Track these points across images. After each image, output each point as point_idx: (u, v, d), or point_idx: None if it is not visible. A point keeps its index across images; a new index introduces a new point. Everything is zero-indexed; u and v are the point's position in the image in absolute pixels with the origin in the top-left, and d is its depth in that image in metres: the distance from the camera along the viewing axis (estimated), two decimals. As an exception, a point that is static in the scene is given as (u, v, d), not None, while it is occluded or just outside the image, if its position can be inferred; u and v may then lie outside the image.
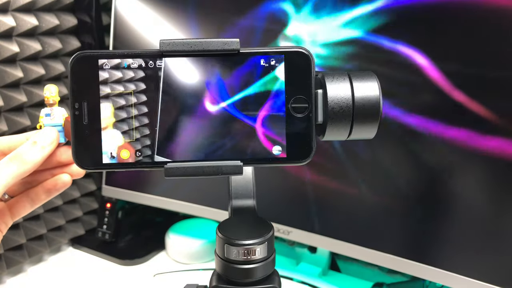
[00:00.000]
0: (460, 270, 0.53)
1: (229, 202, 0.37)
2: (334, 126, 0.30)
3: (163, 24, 0.67)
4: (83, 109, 0.30)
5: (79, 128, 0.30)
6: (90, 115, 0.30)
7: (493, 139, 0.48)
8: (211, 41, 0.30)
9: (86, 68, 0.30)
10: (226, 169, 0.30)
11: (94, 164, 0.30)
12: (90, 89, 0.30)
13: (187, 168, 0.30)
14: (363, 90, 0.30)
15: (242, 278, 0.33)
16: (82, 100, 0.30)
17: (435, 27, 0.50)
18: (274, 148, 0.31)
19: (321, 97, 0.30)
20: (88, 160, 0.30)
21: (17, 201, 0.37)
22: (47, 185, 0.37)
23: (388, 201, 0.56)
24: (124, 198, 0.77)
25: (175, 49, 0.30)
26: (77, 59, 0.29)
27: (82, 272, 0.72)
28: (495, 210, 0.50)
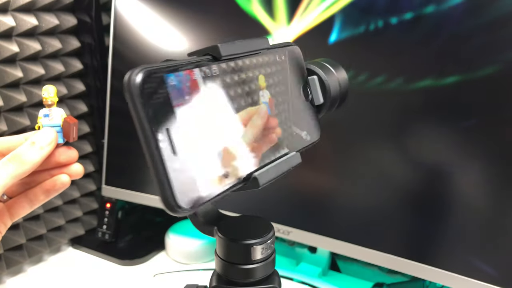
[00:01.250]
0: (460, 270, 0.53)
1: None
2: (329, 105, 0.35)
3: (163, 24, 0.67)
4: (169, 139, 0.23)
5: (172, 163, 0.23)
6: (177, 144, 0.24)
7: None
8: (257, 40, 0.30)
9: (155, 87, 0.23)
10: (293, 161, 0.32)
11: (195, 201, 0.24)
12: (166, 112, 0.24)
13: (271, 170, 0.29)
14: (341, 74, 0.36)
15: (242, 278, 0.33)
16: (164, 127, 0.23)
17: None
18: (304, 133, 0.33)
19: (317, 82, 0.35)
20: (187, 198, 0.24)
21: (15, 202, 0.36)
22: (46, 185, 0.37)
23: (388, 201, 0.56)
24: (124, 198, 0.77)
25: (234, 52, 0.28)
26: (144, 78, 0.23)
27: (82, 272, 0.72)
28: (495, 210, 0.50)
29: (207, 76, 0.26)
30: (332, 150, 0.59)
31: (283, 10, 0.58)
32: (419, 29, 0.51)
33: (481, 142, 0.50)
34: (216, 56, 0.27)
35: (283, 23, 0.58)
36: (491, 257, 0.51)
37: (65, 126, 0.33)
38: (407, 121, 0.54)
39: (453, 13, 0.49)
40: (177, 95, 0.24)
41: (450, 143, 0.51)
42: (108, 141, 0.75)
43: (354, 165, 0.58)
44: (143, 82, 0.22)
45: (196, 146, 0.25)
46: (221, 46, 0.27)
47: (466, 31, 0.48)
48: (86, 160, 0.78)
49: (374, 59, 0.54)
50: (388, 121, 0.55)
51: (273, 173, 0.29)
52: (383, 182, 0.56)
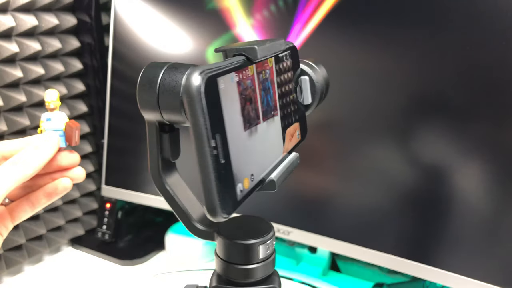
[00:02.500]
0: (460, 270, 0.53)
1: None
2: (316, 104, 0.36)
3: (163, 24, 0.67)
4: (218, 145, 0.23)
5: (219, 170, 0.23)
6: (224, 149, 0.24)
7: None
8: (275, 43, 0.31)
9: (213, 92, 0.23)
10: (295, 161, 0.33)
11: (233, 206, 0.25)
12: (218, 117, 0.23)
13: (282, 173, 0.31)
14: (324, 73, 0.37)
15: (242, 279, 0.33)
16: (216, 133, 0.23)
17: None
18: (297, 133, 0.34)
19: (308, 83, 0.35)
20: (229, 204, 0.24)
21: (17, 205, 0.37)
22: (48, 189, 0.37)
23: (388, 201, 0.56)
24: (124, 198, 0.77)
25: (265, 54, 0.29)
26: (205, 81, 0.22)
27: (82, 272, 0.72)
28: (496, 210, 0.50)
29: (244, 78, 0.26)
30: (332, 150, 0.59)
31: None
32: (418, 29, 0.51)
33: (481, 142, 0.50)
34: (251, 58, 0.27)
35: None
36: (491, 257, 0.51)
37: (68, 130, 0.33)
38: (408, 121, 0.54)
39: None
40: (225, 99, 0.24)
41: (450, 143, 0.51)
42: (108, 141, 0.75)
43: (354, 165, 0.58)
44: (205, 86, 0.21)
45: (237, 151, 0.25)
46: (258, 48, 0.27)
47: (465, 28, 0.48)
48: (86, 160, 0.78)
49: (374, 56, 0.54)
50: (388, 121, 0.54)
51: (284, 174, 0.30)
52: (383, 182, 0.56)
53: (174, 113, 0.26)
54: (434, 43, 0.50)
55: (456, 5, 0.48)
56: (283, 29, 0.58)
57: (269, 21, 0.59)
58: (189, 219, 0.32)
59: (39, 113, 0.68)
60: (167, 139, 0.29)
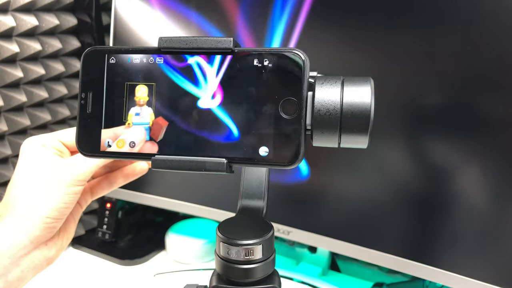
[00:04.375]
0: (460, 270, 0.53)
1: (238, 201, 0.38)
2: (321, 132, 0.30)
3: (163, 24, 0.67)
4: (88, 99, 0.31)
5: (83, 116, 0.31)
6: (94, 105, 0.31)
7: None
8: (205, 39, 0.31)
9: (95, 61, 0.31)
10: (209, 165, 0.31)
11: (92, 151, 0.32)
12: (96, 82, 0.31)
13: (172, 161, 0.31)
14: (353, 96, 0.29)
15: (242, 278, 0.33)
16: (88, 91, 0.31)
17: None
18: (261, 148, 0.30)
19: (310, 100, 0.30)
20: (88, 146, 0.32)
21: (98, 182, 0.42)
22: (126, 170, 0.43)
23: (388, 201, 0.56)
24: (124, 198, 0.77)
25: (172, 45, 0.31)
26: (89, 52, 0.31)
27: (82, 272, 0.72)
28: (495, 210, 0.50)
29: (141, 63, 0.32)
30: (332, 150, 0.59)
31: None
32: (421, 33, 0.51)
33: (482, 142, 0.50)
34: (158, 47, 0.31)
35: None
36: (491, 257, 0.51)
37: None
38: (408, 122, 0.54)
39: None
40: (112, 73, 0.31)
41: (450, 143, 0.51)
42: (108, 141, 0.75)
43: (355, 165, 0.58)
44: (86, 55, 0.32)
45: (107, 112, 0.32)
46: (161, 38, 0.31)
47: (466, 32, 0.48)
48: (86, 160, 0.78)
49: (372, 56, 0.54)
50: (388, 121, 0.55)
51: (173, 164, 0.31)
52: (383, 182, 0.56)
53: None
54: (434, 43, 0.50)
55: (456, 5, 0.48)
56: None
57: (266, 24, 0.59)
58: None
59: (39, 113, 0.68)
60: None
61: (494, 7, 0.47)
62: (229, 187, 0.66)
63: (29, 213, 0.36)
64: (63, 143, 0.39)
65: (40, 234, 0.36)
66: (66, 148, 0.39)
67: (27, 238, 0.36)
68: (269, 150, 0.30)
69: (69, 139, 0.39)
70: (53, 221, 0.36)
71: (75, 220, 0.41)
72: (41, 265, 0.39)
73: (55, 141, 0.38)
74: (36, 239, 0.36)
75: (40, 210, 0.36)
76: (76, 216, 0.41)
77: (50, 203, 0.36)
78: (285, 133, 0.30)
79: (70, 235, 0.41)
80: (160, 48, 0.31)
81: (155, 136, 0.32)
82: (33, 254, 0.37)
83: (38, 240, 0.37)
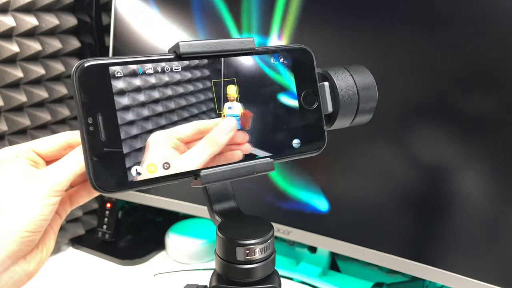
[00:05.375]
0: (460, 270, 0.53)
1: (210, 208, 0.36)
2: (343, 113, 0.34)
3: (163, 24, 0.67)
4: (98, 124, 0.26)
5: (96, 145, 0.26)
6: (108, 129, 0.26)
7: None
8: (228, 41, 0.30)
9: (96, 78, 0.26)
10: (260, 167, 0.31)
11: (118, 185, 0.27)
12: (104, 101, 0.26)
13: (224, 172, 0.30)
14: (362, 79, 0.35)
15: (242, 278, 0.33)
16: (97, 114, 0.26)
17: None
18: (294, 141, 0.32)
19: (328, 89, 0.33)
20: (111, 181, 0.26)
21: (76, 191, 0.40)
22: None
23: (388, 201, 0.56)
24: (124, 198, 0.77)
25: (194, 50, 0.29)
26: (84, 69, 0.26)
27: (82, 272, 0.72)
28: (496, 211, 0.50)
29: (163, 72, 0.28)
30: (332, 150, 0.59)
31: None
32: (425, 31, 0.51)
33: (482, 142, 0.50)
34: (178, 53, 0.29)
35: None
36: (491, 257, 0.51)
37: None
38: (408, 122, 0.54)
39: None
40: (117, 87, 0.27)
41: (450, 144, 0.51)
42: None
43: (354, 164, 0.58)
44: (81, 72, 0.26)
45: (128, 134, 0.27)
46: (182, 44, 0.28)
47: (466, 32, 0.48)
48: (86, 160, 0.78)
49: (373, 55, 0.54)
50: (388, 121, 0.54)
51: (225, 175, 0.30)
52: (383, 182, 0.56)
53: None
54: (434, 43, 0.50)
55: (457, 4, 0.48)
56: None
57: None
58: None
59: (39, 113, 0.68)
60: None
61: (494, 7, 0.47)
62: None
63: (5, 227, 0.34)
64: (37, 153, 0.37)
65: (17, 249, 0.35)
66: (41, 158, 0.37)
67: (4, 254, 0.34)
68: (300, 141, 0.33)
69: (44, 149, 0.37)
70: (30, 234, 0.35)
71: (54, 232, 0.40)
72: (21, 280, 0.37)
73: (28, 151, 0.37)
74: (14, 254, 0.35)
75: (16, 224, 0.34)
76: (55, 227, 0.40)
77: (26, 216, 0.34)
78: (310, 122, 0.33)
79: (50, 247, 0.39)
80: (181, 55, 0.29)
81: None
82: (11, 270, 0.36)
83: (16, 255, 0.35)
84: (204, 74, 0.30)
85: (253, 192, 0.65)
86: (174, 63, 0.29)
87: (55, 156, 0.38)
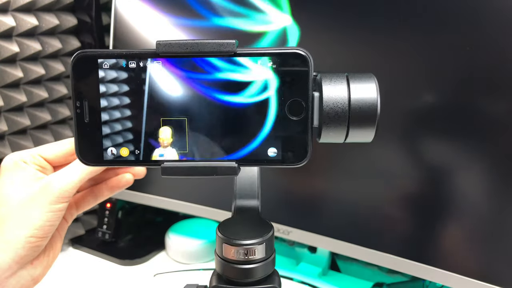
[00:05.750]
0: (460, 270, 0.53)
1: (233, 202, 0.37)
2: (329, 130, 0.30)
3: (163, 24, 0.67)
4: (84, 108, 0.30)
5: (81, 125, 0.31)
6: (91, 113, 0.30)
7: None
8: (206, 43, 0.29)
9: (86, 67, 0.30)
10: (221, 169, 0.30)
11: (96, 161, 0.31)
12: (90, 88, 0.30)
13: (183, 168, 0.30)
14: (360, 93, 0.30)
15: (242, 278, 0.33)
16: (83, 99, 0.30)
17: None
18: (270, 150, 0.30)
19: (317, 101, 0.30)
20: (90, 156, 0.31)
21: (83, 196, 0.41)
22: (111, 182, 0.41)
23: (388, 201, 0.56)
24: (124, 198, 0.77)
25: (171, 50, 0.29)
26: (78, 58, 0.30)
27: (82, 272, 0.72)
28: (495, 210, 0.50)
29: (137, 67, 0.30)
30: (332, 150, 0.59)
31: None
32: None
33: (482, 142, 0.50)
34: (156, 52, 0.30)
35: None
36: (491, 257, 0.51)
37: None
38: (408, 122, 0.54)
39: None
40: (101, 76, 0.30)
41: (451, 144, 0.51)
42: (108, 141, 0.75)
43: (354, 164, 0.58)
44: (76, 60, 0.30)
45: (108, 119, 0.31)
46: (159, 43, 0.29)
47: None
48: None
49: (373, 56, 0.54)
50: (388, 121, 0.54)
51: (184, 170, 0.30)
52: (383, 182, 0.56)
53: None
54: (434, 43, 0.50)
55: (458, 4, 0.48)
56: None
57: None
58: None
59: (39, 113, 0.68)
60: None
61: (494, 7, 0.47)
62: (229, 186, 0.66)
63: (12, 233, 0.35)
64: (45, 159, 0.38)
65: (25, 254, 0.35)
66: (49, 163, 0.38)
67: (11, 259, 0.35)
68: (277, 151, 0.30)
69: (51, 155, 0.38)
70: (37, 240, 0.35)
71: (61, 236, 0.40)
72: (27, 285, 0.37)
73: (36, 157, 0.37)
74: (21, 259, 0.35)
75: (23, 230, 0.35)
76: (62, 232, 0.40)
77: (33, 222, 0.35)
78: (292, 134, 0.30)
79: (57, 252, 0.40)
80: (159, 53, 0.29)
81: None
82: (18, 275, 0.36)
83: (23, 260, 0.35)
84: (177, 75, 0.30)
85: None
86: (155, 61, 0.30)
87: (62, 161, 0.38)
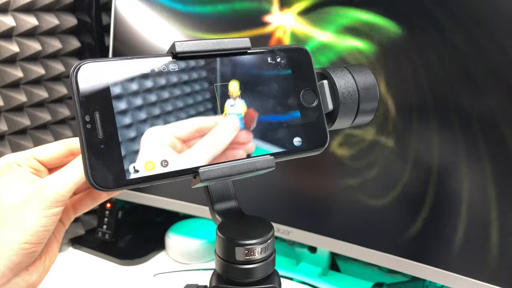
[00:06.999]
0: (460, 270, 0.53)
1: (211, 208, 0.36)
2: (344, 111, 0.34)
3: (163, 24, 0.67)
4: (96, 122, 0.26)
5: (94, 144, 0.26)
6: (104, 127, 0.27)
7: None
8: (223, 41, 0.30)
9: (94, 78, 0.27)
10: (260, 164, 0.31)
11: (116, 183, 0.26)
12: (101, 100, 0.27)
13: (223, 169, 0.29)
14: (362, 78, 0.35)
15: (242, 278, 0.33)
16: (94, 112, 0.27)
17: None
18: (295, 139, 0.32)
19: (327, 87, 0.34)
20: (108, 179, 0.26)
21: (80, 199, 0.39)
22: None
23: (388, 201, 0.56)
24: (124, 198, 0.77)
25: (190, 49, 0.29)
26: (82, 68, 0.27)
27: (82, 272, 0.72)
28: (495, 210, 0.50)
29: (162, 72, 0.29)
30: (332, 150, 0.59)
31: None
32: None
33: (482, 142, 0.50)
34: (174, 53, 0.29)
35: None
36: (491, 257, 0.51)
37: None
38: (408, 121, 0.54)
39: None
40: (117, 87, 0.27)
41: (451, 143, 0.51)
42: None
43: (354, 164, 0.58)
44: (79, 72, 0.26)
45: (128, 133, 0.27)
46: (177, 43, 0.29)
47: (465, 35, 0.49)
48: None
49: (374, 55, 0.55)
50: (387, 120, 0.55)
51: (225, 172, 0.29)
52: (383, 182, 0.56)
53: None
54: (434, 43, 0.50)
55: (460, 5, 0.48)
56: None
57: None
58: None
59: (39, 113, 0.68)
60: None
61: (494, 7, 0.47)
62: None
63: (5, 239, 0.33)
64: (40, 161, 0.36)
65: (19, 261, 0.33)
66: (43, 165, 0.36)
67: (5, 266, 0.33)
68: (301, 139, 0.32)
69: (45, 156, 0.36)
70: (32, 246, 0.33)
71: (58, 240, 0.38)
72: None
73: (30, 159, 0.36)
74: (15, 266, 0.34)
75: (17, 236, 0.33)
76: (59, 236, 0.39)
77: (27, 228, 0.33)
78: (310, 121, 0.33)
79: (53, 257, 0.38)
80: (177, 54, 0.29)
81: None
82: (13, 282, 0.35)
83: (17, 267, 0.34)
84: (201, 74, 0.30)
85: (253, 191, 0.65)
86: (171, 63, 0.29)
87: (57, 163, 0.37)
